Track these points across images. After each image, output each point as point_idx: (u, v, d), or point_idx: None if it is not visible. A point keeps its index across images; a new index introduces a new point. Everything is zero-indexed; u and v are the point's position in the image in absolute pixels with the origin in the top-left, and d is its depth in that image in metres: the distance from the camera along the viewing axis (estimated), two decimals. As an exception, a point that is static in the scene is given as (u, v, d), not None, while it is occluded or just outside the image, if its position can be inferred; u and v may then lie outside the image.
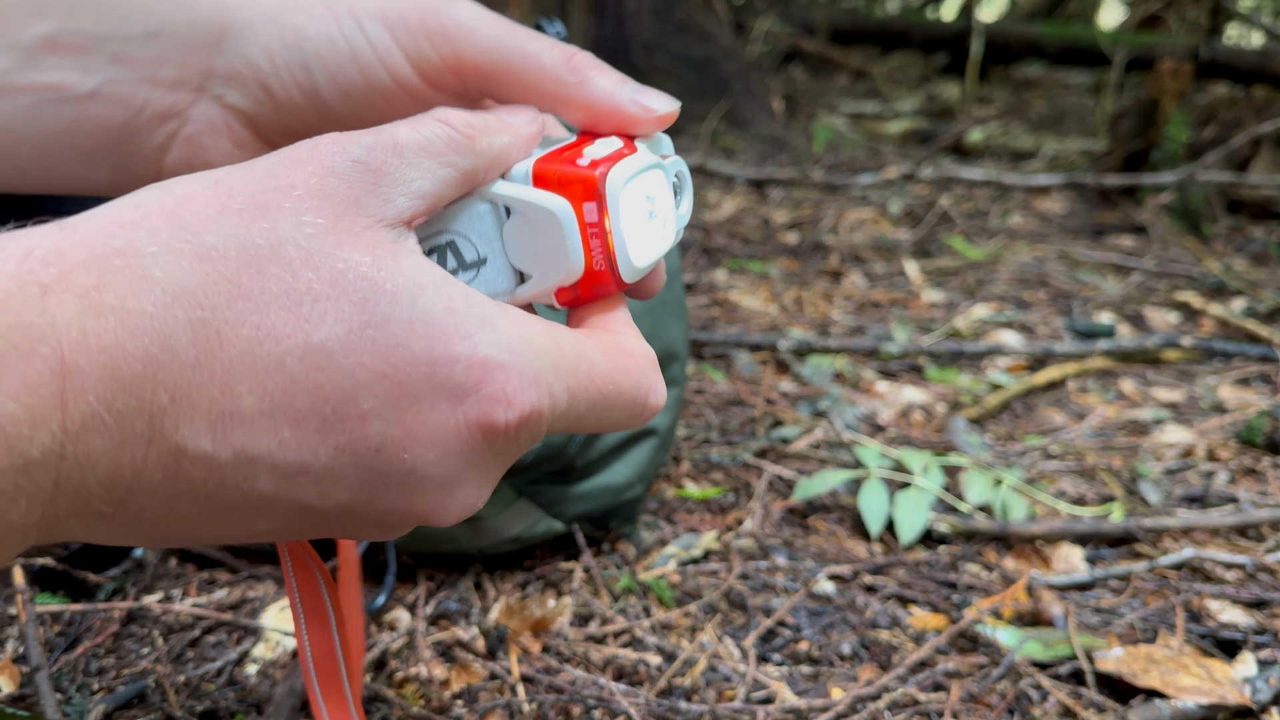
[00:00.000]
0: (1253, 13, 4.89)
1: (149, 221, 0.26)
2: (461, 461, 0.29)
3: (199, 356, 0.25)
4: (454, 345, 0.28)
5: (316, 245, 0.27)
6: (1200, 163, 2.23)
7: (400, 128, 0.31)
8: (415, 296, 0.28)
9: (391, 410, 0.28)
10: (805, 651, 0.79)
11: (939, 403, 1.30)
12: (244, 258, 0.26)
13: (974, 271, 1.92)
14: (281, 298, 0.26)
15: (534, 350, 0.30)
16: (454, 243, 0.34)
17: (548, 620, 0.80)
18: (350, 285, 0.27)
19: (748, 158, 2.86)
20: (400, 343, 0.27)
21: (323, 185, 0.28)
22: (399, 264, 0.28)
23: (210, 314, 0.25)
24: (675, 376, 0.92)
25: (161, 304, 0.25)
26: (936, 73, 4.94)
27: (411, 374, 0.28)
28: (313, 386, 0.27)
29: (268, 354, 0.26)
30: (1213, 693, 0.71)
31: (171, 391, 0.25)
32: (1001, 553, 0.95)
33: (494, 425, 0.29)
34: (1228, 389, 1.37)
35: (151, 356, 0.24)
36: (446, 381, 0.28)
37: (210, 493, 0.27)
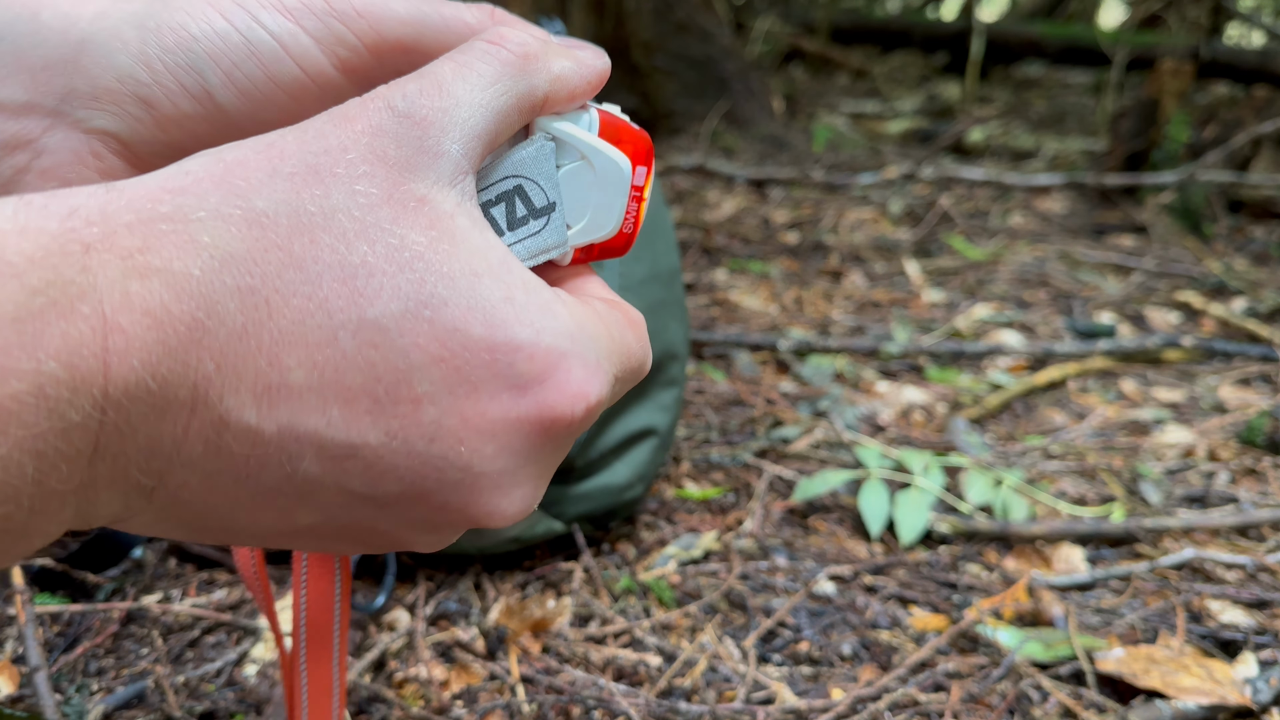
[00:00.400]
0: (1253, 12, 4.89)
1: (198, 187, 0.25)
2: (522, 457, 0.28)
3: (247, 324, 0.24)
4: (516, 333, 0.27)
5: (371, 217, 0.26)
6: (1201, 162, 2.23)
7: (445, 64, 0.29)
8: (473, 283, 0.27)
9: (448, 396, 0.26)
10: (805, 652, 0.79)
11: (939, 403, 1.30)
12: (296, 225, 0.25)
13: (974, 271, 1.92)
14: (335, 268, 0.25)
15: (592, 338, 0.29)
16: (522, 188, 0.32)
17: (547, 621, 0.80)
18: (407, 263, 0.26)
19: (748, 157, 2.85)
20: (458, 327, 0.26)
21: (373, 146, 0.27)
22: (456, 247, 0.27)
23: (260, 281, 0.24)
24: (675, 376, 0.92)
25: (209, 268, 0.24)
26: (937, 72, 4.93)
27: (470, 359, 0.26)
28: (366, 364, 0.25)
29: (319, 326, 0.25)
30: (1213, 693, 0.71)
31: (218, 359, 0.24)
32: (1002, 553, 0.94)
33: (559, 418, 0.28)
34: (1228, 389, 1.37)
35: (198, 322, 0.23)
36: (508, 370, 0.27)
37: (252, 471, 0.26)
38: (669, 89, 3.12)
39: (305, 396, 0.25)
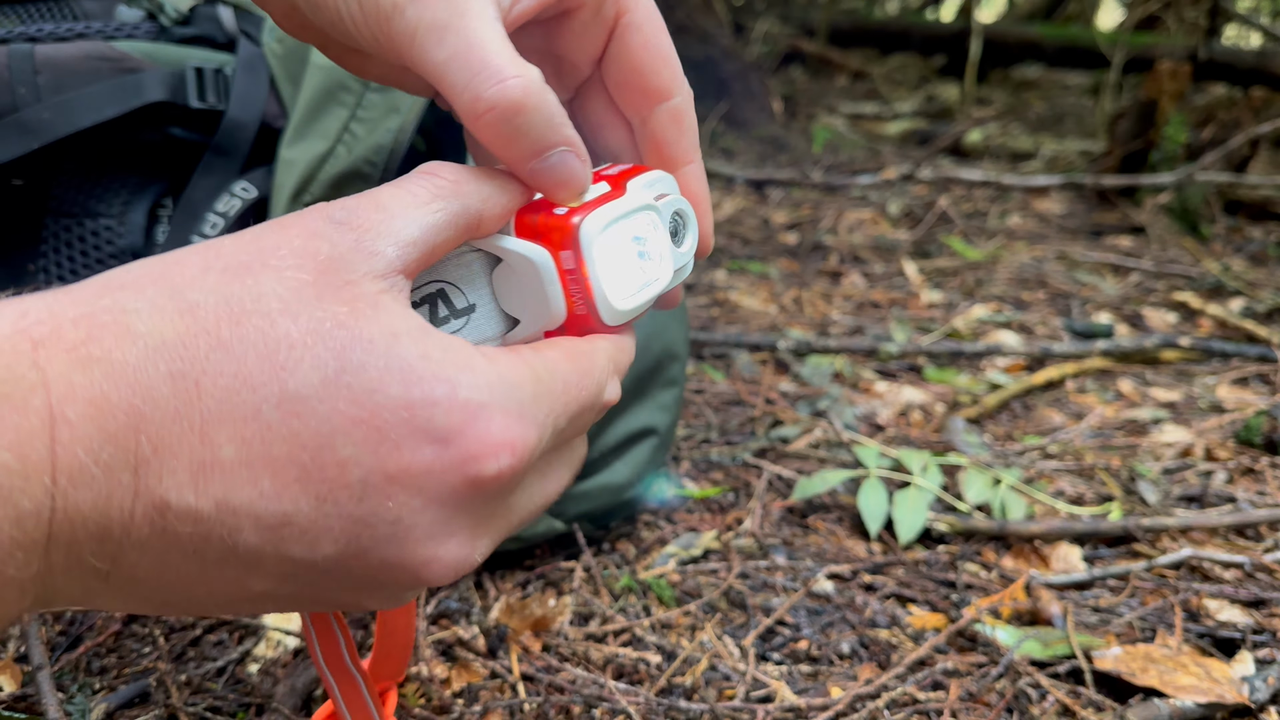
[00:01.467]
0: (1251, 13, 4.89)
1: (138, 284, 0.27)
2: (451, 508, 0.29)
3: (179, 406, 0.26)
4: (432, 389, 0.28)
5: (296, 298, 0.28)
6: (1198, 163, 2.24)
7: (385, 188, 0.31)
8: (390, 344, 0.28)
9: (371, 456, 0.28)
10: (805, 650, 0.79)
11: (938, 402, 1.30)
12: (223, 311, 0.27)
13: (973, 272, 1.92)
14: (258, 346, 0.27)
15: (513, 385, 0.30)
16: (443, 290, 0.35)
17: (548, 619, 0.81)
18: (327, 333, 0.28)
19: (747, 158, 2.86)
20: (375, 388, 0.27)
21: (306, 246, 0.29)
22: (377, 313, 0.29)
23: (189, 365, 0.26)
24: (675, 376, 0.92)
25: (143, 356, 0.26)
26: (935, 74, 4.94)
27: (389, 419, 0.28)
28: (289, 434, 0.27)
29: (244, 402, 0.26)
30: (1211, 692, 0.72)
31: (154, 442, 0.25)
32: (1000, 552, 0.95)
33: (483, 468, 0.29)
34: (1226, 389, 1.37)
35: (134, 407, 0.25)
36: (427, 425, 0.28)
37: (198, 547, 0.27)
38: (668, 90, 3.12)
39: (237, 471, 0.27)
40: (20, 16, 0.82)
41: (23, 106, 0.77)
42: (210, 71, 0.84)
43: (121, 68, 0.82)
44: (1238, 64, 3.67)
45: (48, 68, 0.79)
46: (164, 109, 0.82)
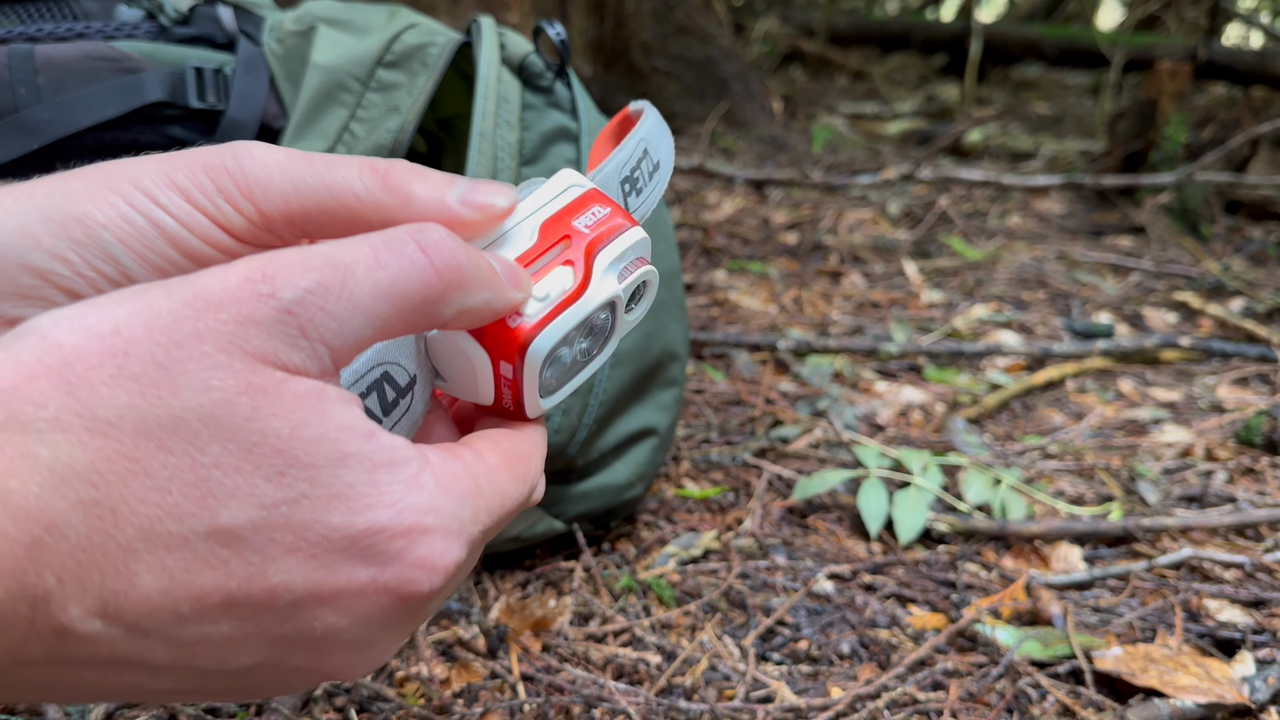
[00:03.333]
0: (1251, 13, 4.89)
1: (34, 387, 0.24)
2: (378, 625, 0.28)
3: (91, 536, 0.23)
4: (377, 516, 0.27)
5: (225, 413, 0.25)
6: (1199, 163, 2.24)
7: (362, 255, 0.28)
8: (336, 469, 0.26)
9: (304, 581, 0.26)
10: (805, 650, 0.79)
11: (938, 402, 1.30)
12: (141, 432, 0.24)
13: (973, 272, 1.92)
14: (185, 474, 0.24)
15: (458, 502, 0.29)
16: (388, 374, 0.33)
17: (548, 619, 0.81)
18: (264, 459, 0.25)
19: (747, 158, 2.86)
20: (317, 518, 0.26)
21: (236, 336, 0.25)
22: (322, 429, 0.26)
23: (104, 493, 0.24)
24: (675, 376, 0.92)
25: (49, 485, 0.23)
26: (935, 74, 4.94)
27: (328, 548, 0.26)
28: (218, 563, 0.25)
29: (169, 533, 0.24)
30: (1211, 692, 0.72)
31: (59, 573, 0.23)
32: (1000, 552, 0.95)
33: (416, 590, 0.28)
34: (1226, 389, 1.37)
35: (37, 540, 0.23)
36: (368, 551, 0.27)
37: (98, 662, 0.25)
38: (669, 90, 3.12)
39: (154, 598, 0.25)
40: (20, 16, 0.82)
41: (23, 106, 0.77)
42: (210, 71, 0.84)
43: (121, 68, 0.82)
44: (1238, 64, 3.67)
45: (48, 68, 0.79)
46: (164, 109, 0.82)
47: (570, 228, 0.35)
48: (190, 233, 0.30)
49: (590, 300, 0.34)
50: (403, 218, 0.31)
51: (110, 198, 0.30)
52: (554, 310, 0.33)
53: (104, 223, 0.30)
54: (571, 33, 3.16)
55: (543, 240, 0.34)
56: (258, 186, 0.31)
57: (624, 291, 0.35)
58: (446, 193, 0.32)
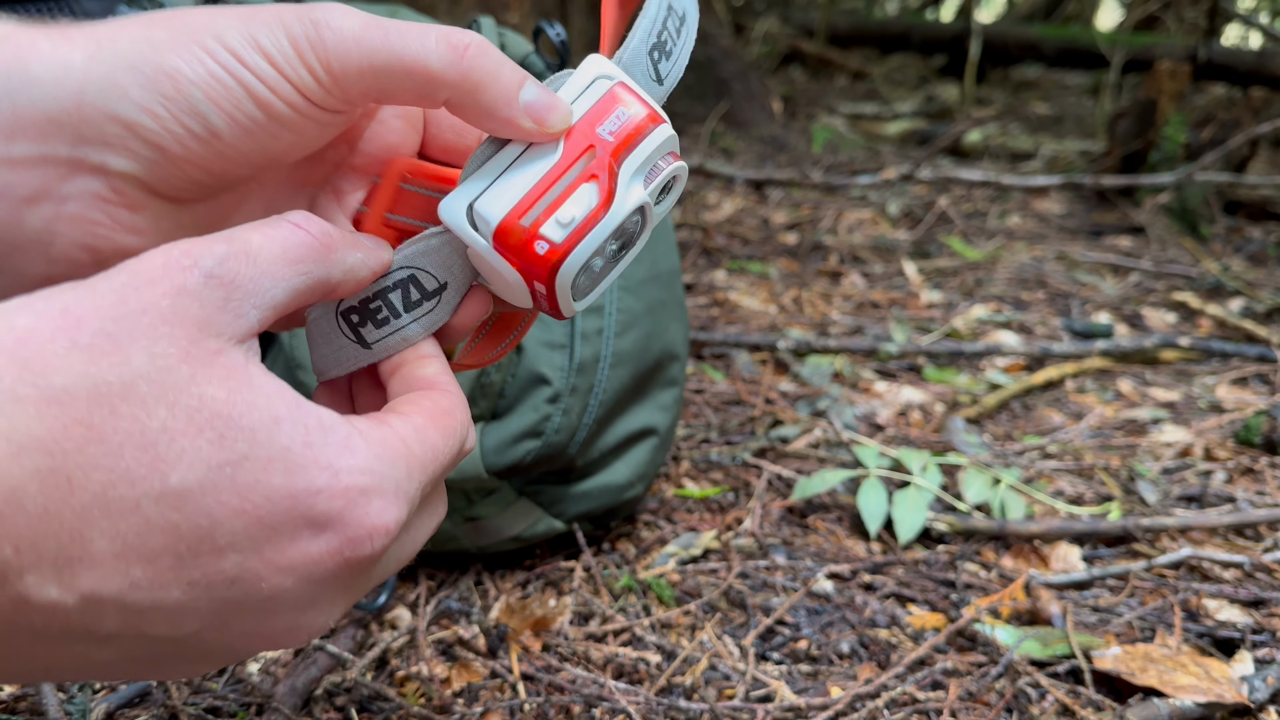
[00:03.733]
0: (1251, 14, 4.90)
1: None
2: (321, 585, 0.29)
3: (47, 505, 0.24)
4: (315, 477, 0.28)
5: (170, 379, 0.26)
6: (1198, 163, 2.24)
7: (253, 234, 0.30)
8: (272, 431, 0.27)
9: (249, 543, 0.27)
10: (804, 650, 0.79)
11: (937, 402, 1.30)
12: (95, 398, 0.25)
13: (972, 272, 1.93)
14: (136, 437, 0.25)
15: (390, 463, 0.30)
16: (414, 277, 0.36)
17: (548, 619, 0.81)
18: (206, 422, 0.27)
19: (747, 158, 2.86)
20: (259, 479, 0.27)
21: (174, 307, 0.27)
22: (254, 395, 0.28)
23: (60, 460, 0.24)
24: (675, 376, 0.92)
25: (6, 454, 0.24)
26: (935, 74, 4.94)
27: (272, 509, 0.27)
28: (168, 526, 0.26)
29: (121, 497, 0.25)
30: (1210, 691, 0.72)
31: (15, 543, 0.24)
32: (1000, 552, 0.95)
33: (357, 551, 0.29)
34: (1225, 389, 1.37)
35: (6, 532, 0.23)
36: (309, 512, 0.28)
37: (51, 633, 0.26)
38: (668, 90, 3.12)
39: (107, 563, 0.25)
40: (21, 17, 0.82)
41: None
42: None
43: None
44: (1237, 64, 3.67)
45: (48, 68, 0.79)
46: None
47: (595, 136, 0.35)
48: (275, 95, 0.32)
49: (617, 213, 0.35)
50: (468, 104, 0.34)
51: (198, 53, 0.32)
52: (579, 230, 0.34)
53: (193, 79, 0.31)
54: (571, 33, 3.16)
55: (568, 154, 0.35)
56: (335, 57, 0.33)
57: (651, 195, 0.37)
58: (515, 96, 0.34)
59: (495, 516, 0.83)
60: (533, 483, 0.84)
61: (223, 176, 0.34)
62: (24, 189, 0.32)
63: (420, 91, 0.34)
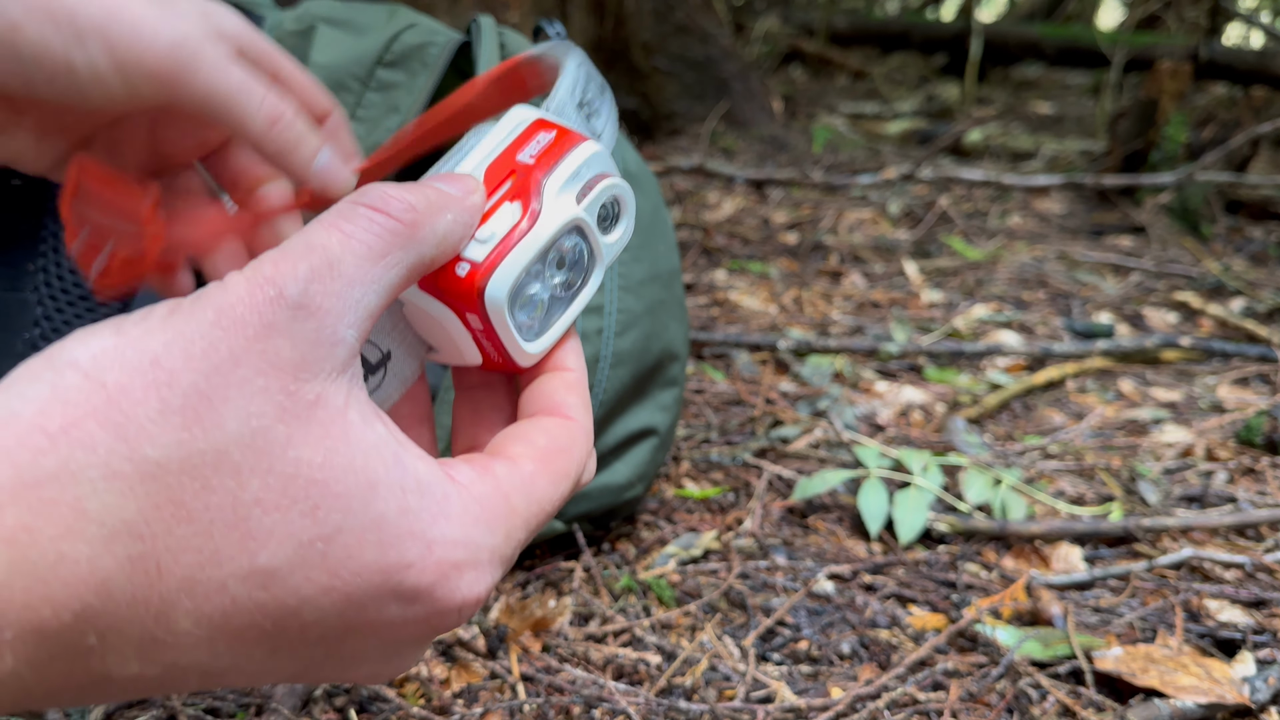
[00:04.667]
0: (1252, 13, 4.89)
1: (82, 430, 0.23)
2: (405, 648, 0.29)
3: (135, 593, 0.23)
4: (407, 550, 0.26)
5: (265, 443, 0.25)
6: (1199, 163, 2.24)
7: (331, 236, 0.27)
8: (368, 500, 0.26)
9: (337, 618, 0.26)
10: (805, 651, 0.79)
11: (938, 402, 1.30)
12: (187, 471, 0.24)
13: (973, 272, 1.92)
14: (227, 514, 0.24)
15: (489, 529, 0.28)
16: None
17: (548, 619, 0.81)
18: (301, 493, 0.25)
19: (747, 158, 2.86)
20: (351, 554, 0.26)
21: (266, 352, 0.25)
22: (352, 455, 0.26)
23: (150, 545, 0.23)
24: (675, 376, 0.92)
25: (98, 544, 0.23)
26: (936, 73, 4.94)
27: (361, 585, 0.26)
28: (254, 606, 0.25)
29: (209, 579, 0.24)
30: (1211, 692, 0.72)
31: (102, 632, 0.23)
32: (1000, 552, 0.95)
33: (444, 621, 0.28)
34: (1226, 389, 1.37)
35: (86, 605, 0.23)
36: (399, 588, 0.27)
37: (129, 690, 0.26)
38: (669, 90, 3.12)
39: (192, 642, 0.25)
40: None
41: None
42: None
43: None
44: (1238, 64, 3.67)
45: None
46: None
47: (515, 163, 0.33)
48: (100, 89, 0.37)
49: (544, 228, 0.32)
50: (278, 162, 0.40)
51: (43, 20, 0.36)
52: (500, 248, 0.32)
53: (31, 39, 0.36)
54: (571, 32, 3.16)
55: (488, 184, 0.33)
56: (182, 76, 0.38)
57: (587, 212, 0.34)
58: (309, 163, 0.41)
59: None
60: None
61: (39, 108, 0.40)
62: None
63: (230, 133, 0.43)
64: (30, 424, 0.23)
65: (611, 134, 0.38)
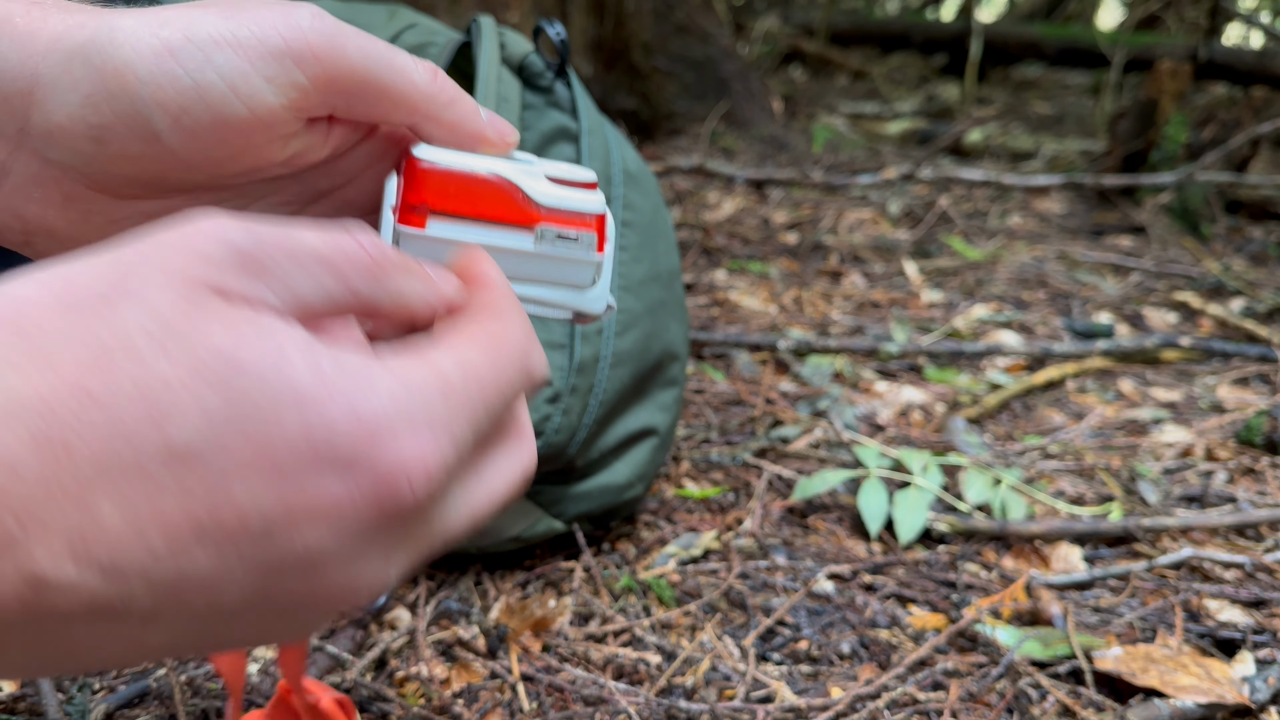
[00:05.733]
0: (1252, 13, 4.89)
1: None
2: (362, 534, 0.27)
3: (45, 472, 0.23)
4: (328, 411, 0.25)
5: (170, 329, 0.24)
6: (1199, 163, 2.24)
7: (306, 231, 0.28)
8: (278, 367, 0.25)
9: (271, 495, 0.25)
10: (805, 650, 0.79)
11: (938, 402, 1.30)
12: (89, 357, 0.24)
13: (973, 271, 1.92)
14: (132, 395, 0.24)
15: (419, 394, 0.27)
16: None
17: (548, 619, 0.81)
18: (208, 368, 0.24)
19: (747, 158, 2.86)
20: (268, 421, 0.25)
21: (184, 268, 0.25)
22: (262, 336, 0.25)
23: (55, 426, 0.23)
24: (675, 376, 0.92)
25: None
26: (936, 73, 4.94)
27: (287, 454, 0.25)
28: (179, 488, 0.24)
29: (125, 460, 0.23)
30: (1211, 692, 0.72)
31: (19, 514, 0.22)
32: (1000, 552, 0.95)
33: (392, 491, 0.26)
34: (1226, 389, 1.37)
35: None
36: (327, 452, 0.25)
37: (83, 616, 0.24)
38: (669, 90, 3.12)
39: (122, 534, 0.24)
40: None
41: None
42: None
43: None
44: (1238, 64, 3.67)
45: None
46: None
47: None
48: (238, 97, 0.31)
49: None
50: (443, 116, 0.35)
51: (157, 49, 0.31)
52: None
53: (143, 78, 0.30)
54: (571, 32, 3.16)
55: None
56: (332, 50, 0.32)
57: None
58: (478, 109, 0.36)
59: (495, 516, 0.83)
60: (533, 482, 0.84)
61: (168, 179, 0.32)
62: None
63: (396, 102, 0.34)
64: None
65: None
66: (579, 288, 0.37)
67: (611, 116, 2.68)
